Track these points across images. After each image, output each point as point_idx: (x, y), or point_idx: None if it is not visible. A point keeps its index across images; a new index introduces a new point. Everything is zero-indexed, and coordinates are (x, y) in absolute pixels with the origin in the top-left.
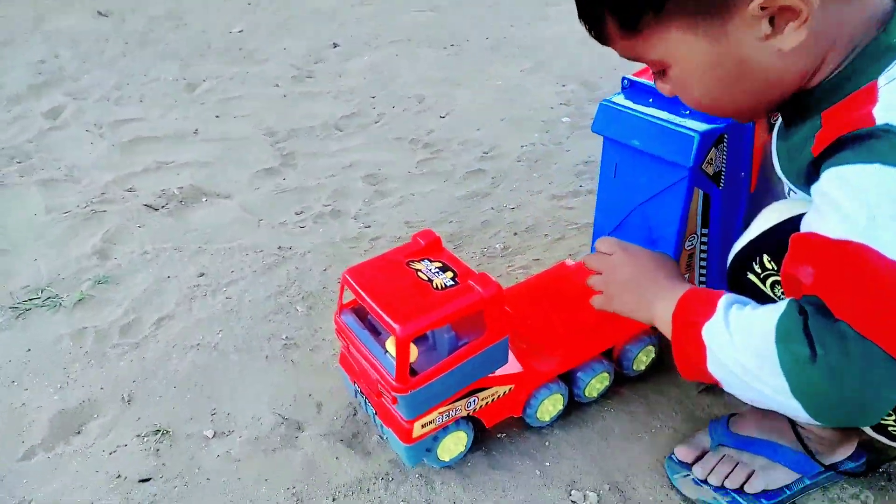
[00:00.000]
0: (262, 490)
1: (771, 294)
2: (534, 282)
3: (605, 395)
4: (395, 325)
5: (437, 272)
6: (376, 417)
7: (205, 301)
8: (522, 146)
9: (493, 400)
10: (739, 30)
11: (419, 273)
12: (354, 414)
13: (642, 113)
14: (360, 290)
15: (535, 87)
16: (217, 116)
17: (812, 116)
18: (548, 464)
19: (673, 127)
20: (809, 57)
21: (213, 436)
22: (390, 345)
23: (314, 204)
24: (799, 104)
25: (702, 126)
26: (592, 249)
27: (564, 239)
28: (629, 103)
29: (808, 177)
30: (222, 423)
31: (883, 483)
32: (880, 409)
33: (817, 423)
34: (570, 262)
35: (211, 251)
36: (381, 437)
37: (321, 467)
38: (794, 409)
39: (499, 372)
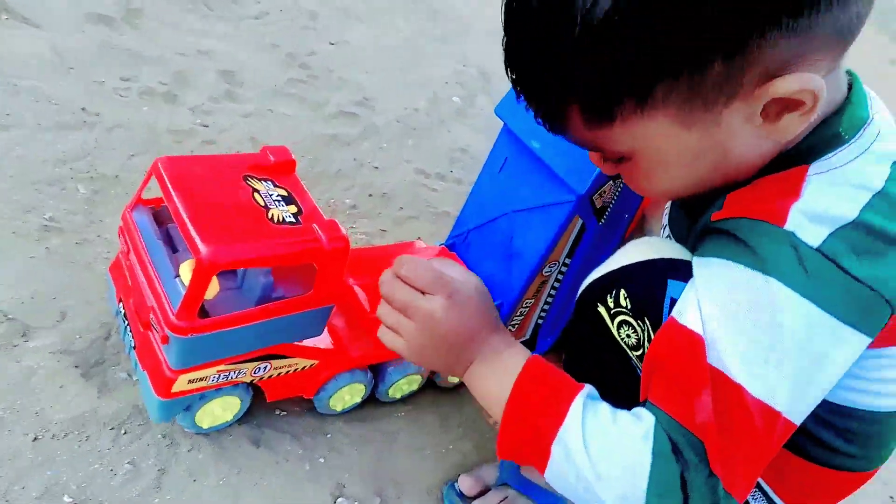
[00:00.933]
0: None
1: (615, 335)
2: (373, 253)
3: (404, 399)
4: (202, 247)
5: (279, 201)
6: (133, 351)
7: None
8: (405, 108)
9: (287, 372)
10: (735, 118)
11: (256, 194)
12: (107, 337)
13: None
14: (170, 188)
15: (437, 55)
16: None
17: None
18: (320, 459)
19: None
20: (779, 144)
21: None
22: (186, 269)
23: (147, 77)
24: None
25: None
26: (448, 239)
27: (418, 219)
28: None
29: (697, 239)
30: None
31: None
32: None
33: None
34: (421, 243)
35: None
36: (130, 377)
37: (35, 392)
38: None
39: (306, 342)
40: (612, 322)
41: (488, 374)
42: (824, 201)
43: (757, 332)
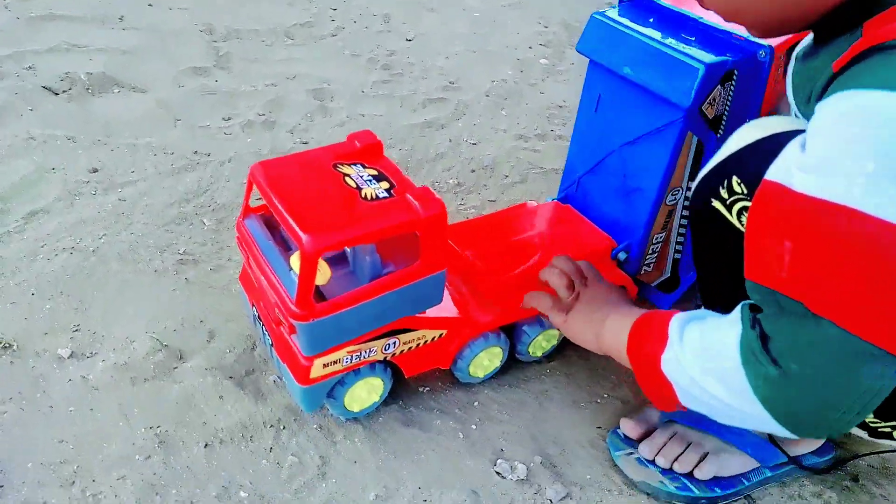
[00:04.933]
0: (119, 426)
1: (738, 224)
2: (487, 220)
3: (549, 357)
4: (302, 235)
5: (370, 180)
6: (273, 350)
7: (92, 199)
8: (493, 81)
9: (417, 345)
10: None
11: (347, 178)
12: (253, 348)
13: (639, 34)
14: (267, 189)
15: (514, 22)
16: (150, 5)
17: (852, 29)
18: (473, 426)
19: (674, 54)
20: None
21: (70, 356)
22: (295, 260)
23: (246, 111)
24: (839, 17)
25: (709, 57)
26: (560, 192)
27: (525, 182)
28: (625, 21)
29: (819, 99)
30: (84, 342)
31: (848, 483)
32: (870, 408)
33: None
34: (531, 203)
35: (112, 146)
36: (280, 379)
37: (199, 406)
38: (782, 431)
39: (429, 313)
40: (731, 212)
41: (616, 329)
42: None
43: (880, 148)
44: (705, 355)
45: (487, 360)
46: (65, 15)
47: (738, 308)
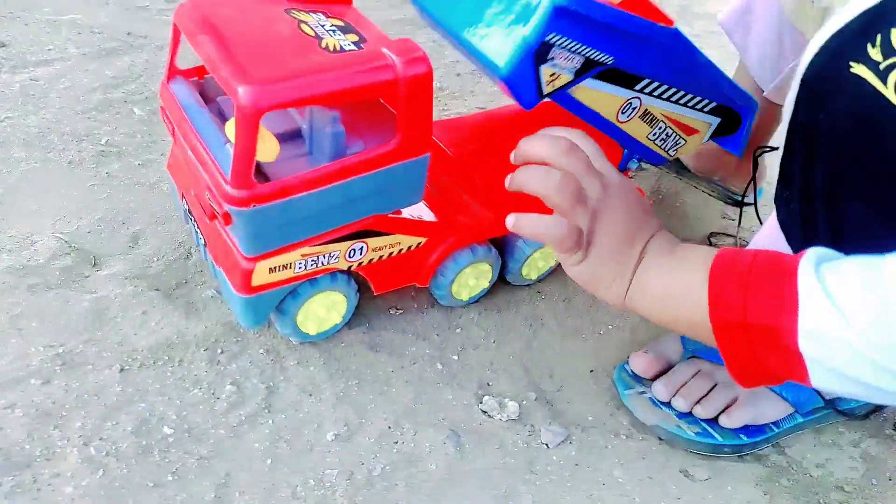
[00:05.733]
0: (10, 343)
1: (893, 98)
2: (477, 118)
3: (544, 280)
4: (239, 89)
5: (333, 30)
6: (207, 252)
7: None
8: None
9: (390, 254)
10: None
11: (303, 25)
12: (187, 257)
13: None
14: (198, 35)
15: None
16: None
17: None
18: (454, 356)
19: None
20: None
21: None
22: (231, 127)
23: None
24: None
25: None
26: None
27: None
28: None
29: None
30: None
31: (889, 431)
32: None
33: None
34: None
35: (26, 20)
36: (218, 292)
37: (115, 321)
38: None
39: (406, 213)
40: (886, 82)
41: (671, 277)
42: None
43: None
44: (882, 306)
45: (474, 278)
46: None
47: None
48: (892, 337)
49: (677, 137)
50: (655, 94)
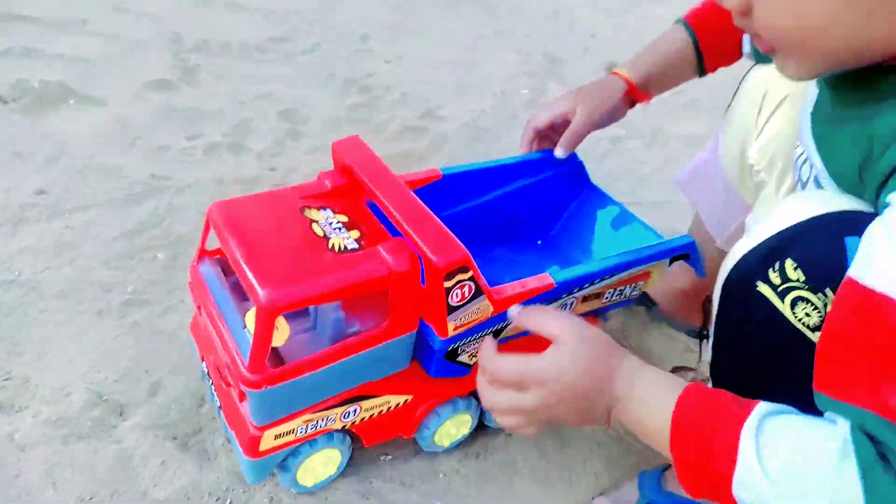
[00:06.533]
0: (48, 495)
1: (789, 316)
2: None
3: None
4: (260, 291)
5: (339, 228)
6: (220, 412)
7: (36, 226)
8: (472, 111)
9: (380, 412)
10: None
11: (314, 225)
12: (200, 405)
13: None
14: (225, 234)
15: (496, 51)
16: (115, 9)
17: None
18: (437, 502)
19: None
20: None
21: None
22: (251, 318)
23: (210, 132)
24: (882, 73)
25: None
26: None
27: None
28: None
29: (884, 183)
30: (15, 392)
31: None
32: None
33: None
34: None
35: (62, 164)
36: (229, 441)
37: (138, 470)
38: None
39: (397, 376)
40: (783, 301)
41: (640, 414)
42: None
43: None
44: (809, 499)
45: (455, 428)
46: (24, 15)
47: (843, 437)
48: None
49: (633, 287)
50: (584, 290)
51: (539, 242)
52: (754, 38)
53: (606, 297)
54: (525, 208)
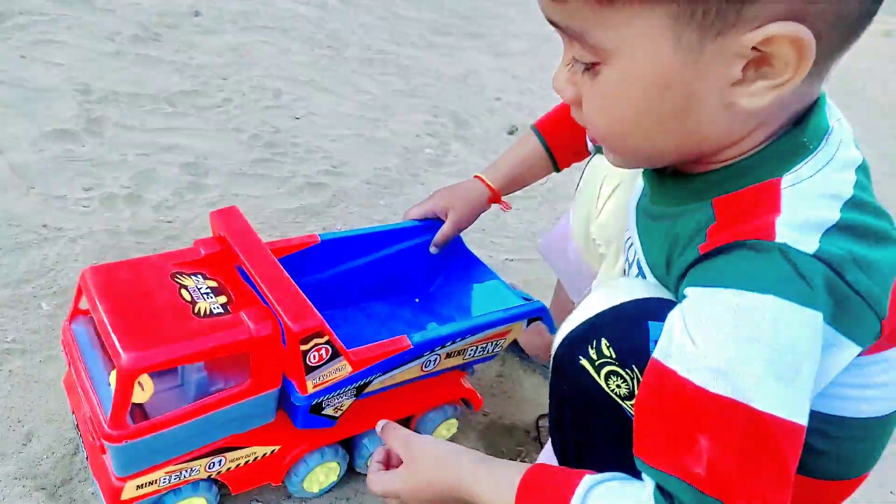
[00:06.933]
0: None
1: (604, 386)
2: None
3: None
4: (122, 354)
5: (207, 294)
6: (87, 461)
7: None
8: (376, 168)
9: (247, 462)
10: (715, 59)
11: (182, 291)
12: (74, 453)
13: None
14: (95, 298)
15: (405, 110)
16: (22, 57)
17: (699, 199)
18: None
19: None
20: (742, 126)
21: None
22: (114, 377)
23: (110, 182)
24: (684, 180)
25: None
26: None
27: None
28: None
29: (681, 277)
30: None
31: None
32: None
33: None
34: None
35: None
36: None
37: None
38: None
39: (263, 427)
40: (599, 374)
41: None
42: (804, 212)
43: (766, 350)
44: None
45: (323, 475)
46: None
47: (647, 489)
48: None
49: (494, 344)
50: (446, 348)
51: (417, 300)
52: (587, 129)
53: (469, 354)
54: (404, 269)
